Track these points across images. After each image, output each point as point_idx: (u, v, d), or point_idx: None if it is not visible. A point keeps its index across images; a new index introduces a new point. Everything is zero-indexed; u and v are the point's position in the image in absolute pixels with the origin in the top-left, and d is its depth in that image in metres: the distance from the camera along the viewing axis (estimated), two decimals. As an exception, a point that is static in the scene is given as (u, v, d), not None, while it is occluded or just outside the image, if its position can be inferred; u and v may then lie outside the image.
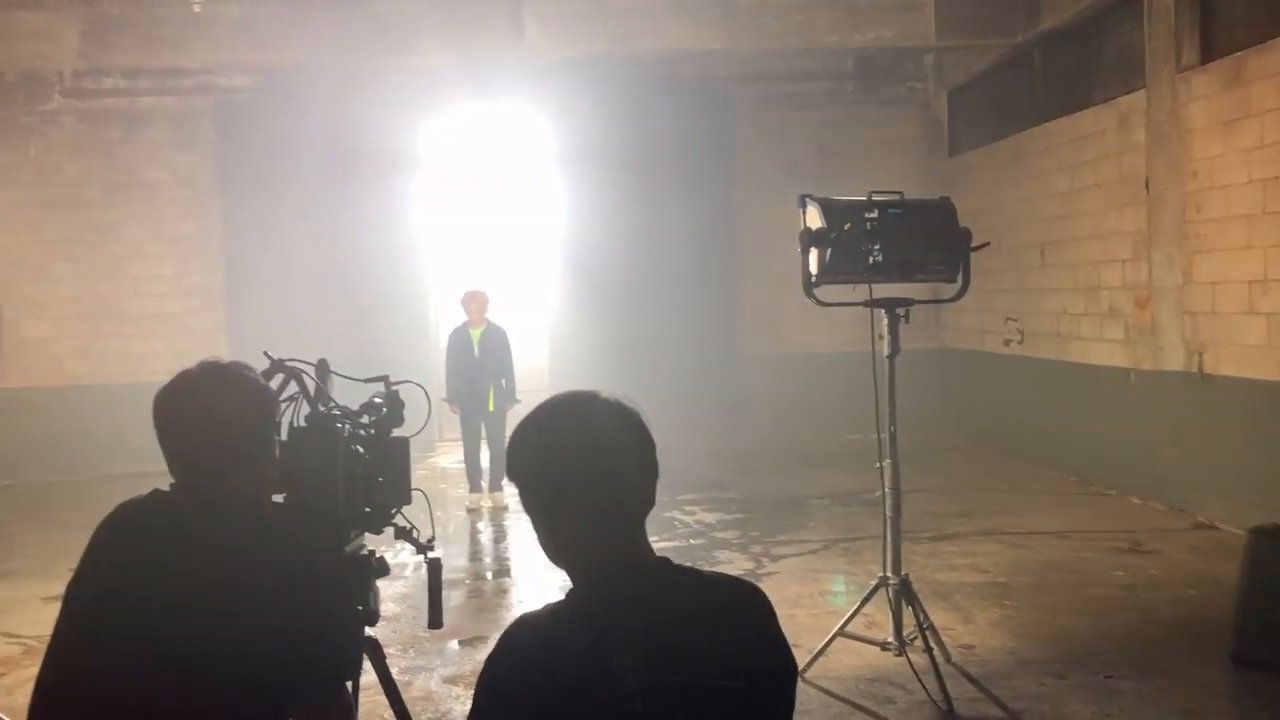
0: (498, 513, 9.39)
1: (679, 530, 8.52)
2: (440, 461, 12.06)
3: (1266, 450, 7.55)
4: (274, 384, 2.45)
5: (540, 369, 13.53)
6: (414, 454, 2.64)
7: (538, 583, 7.24)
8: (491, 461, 9.53)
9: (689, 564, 1.89)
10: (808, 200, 4.92)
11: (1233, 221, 7.87)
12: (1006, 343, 11.48)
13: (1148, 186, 8.84)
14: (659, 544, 7.99)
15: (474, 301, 9.67)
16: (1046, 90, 10.82)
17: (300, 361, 2.52)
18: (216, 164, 12.78)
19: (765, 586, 6.80)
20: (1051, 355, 10.56)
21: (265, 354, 2.52)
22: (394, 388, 2.57)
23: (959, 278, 5.16)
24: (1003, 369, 11.62)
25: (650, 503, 1.78)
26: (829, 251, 4.82)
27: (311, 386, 2.58)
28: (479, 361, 9.48)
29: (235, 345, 12.82)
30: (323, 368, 2.61)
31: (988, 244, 5.28)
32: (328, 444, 2.34)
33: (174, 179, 12.76)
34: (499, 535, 8.86)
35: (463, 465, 9.82)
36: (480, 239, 14.64)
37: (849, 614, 5.25)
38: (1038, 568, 7.07)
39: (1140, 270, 9.01)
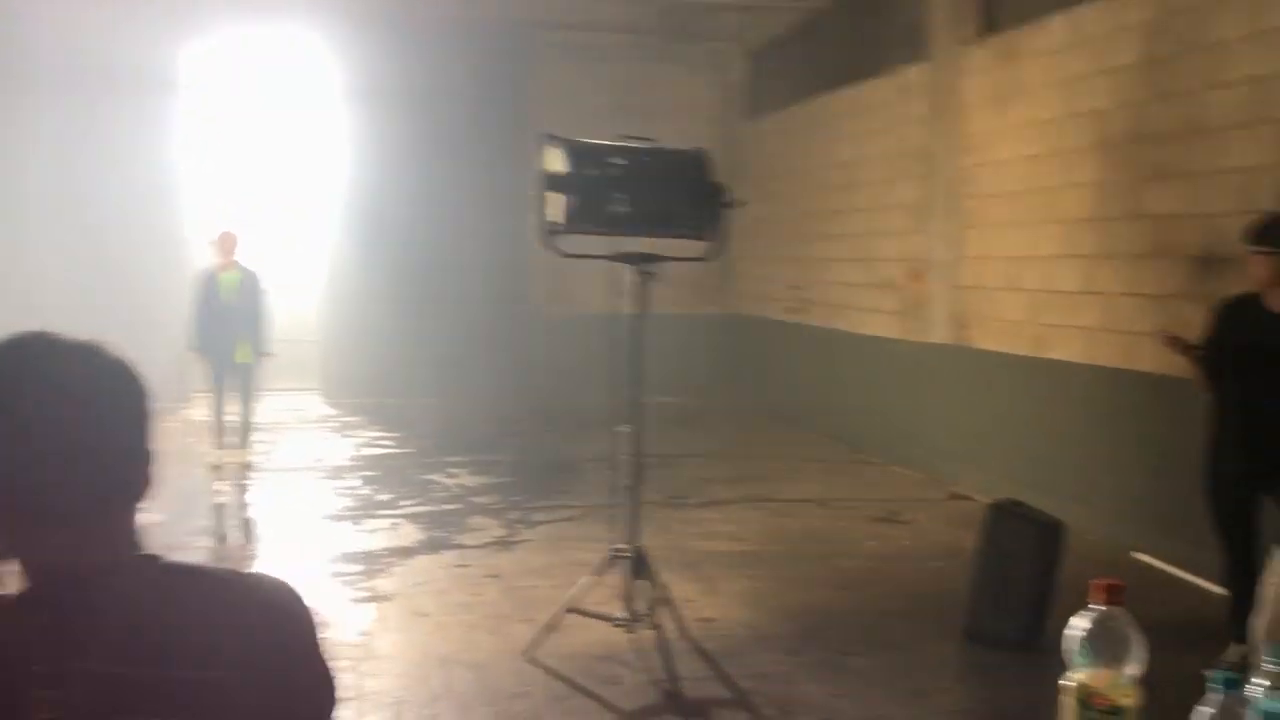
0: (243, 470, 8.71)
1: (435, 494, 8.06)
2: (195, 414, 11.18)
3: (1020, 423, 7.68)
4: None
5: (305, 314, 12.72)
6: (162, 406, 2.09)
7: (276, 548, 6.67)
8: (243, 415, 8.85)
9: (438, 530, 1.44)
10: (548, 140, 4.53)
11: (1001, 197, 7.94)
12: (789, 310, 11.47)
13: (926, 159, 8.86)
14: (410, 508, 7.64)
15: (223, 243, 8.89)
16: (838, 58, 10.77)
17: None
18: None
19: (512, 556, 6.45)
20: (831, 324, 10.59)
21: None
22: None
23: (713, 235, 4.86)
24: (786, 337, 11.62)
25: (132, 483, 1.31)
26: (572, 198, 4.44)
27: None
28: (227, 308, 8.72)
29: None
30: None
31: (744, 202, 5.01)
32: None
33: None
34: (240, 495, 8.19)
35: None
36: (252, 177, 13.60)
37: (581, 588, 4.94)
38: (793, 537, 6.98)
39: (915, 243, 9.05)
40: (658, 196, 4.55)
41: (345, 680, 4.60)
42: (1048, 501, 5.63)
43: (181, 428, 10.59)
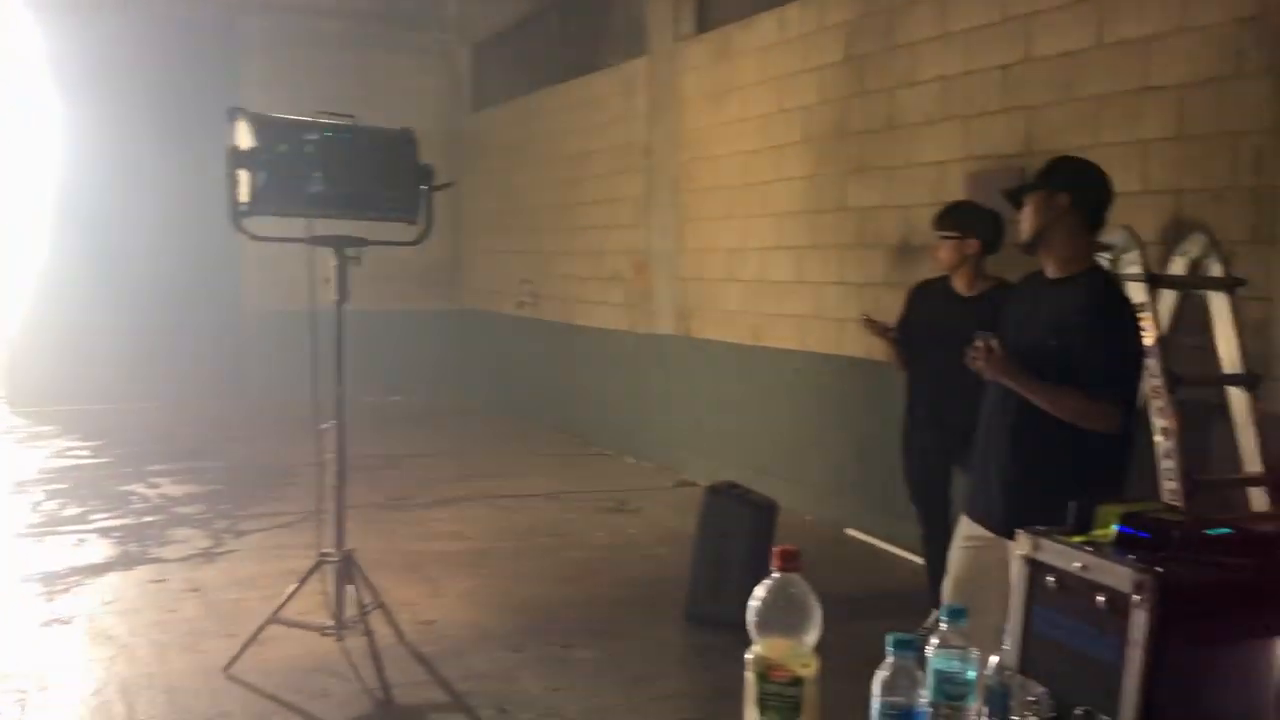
0: None
1: (134, 506, 7.39)
2: None
3: (741, 410, 7.88)
4: None
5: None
6: None
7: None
8: None
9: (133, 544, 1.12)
10: (238, 114, 4.18)
11: (718, 192, 8.12)
12: (520, 305, 11.35)
13: (648, 154, 8.95)
14: (102, 522, 6.95)
15: None
16: (564, 50, 10.75)
17: None
18: None
19: (216, 568, 5.94)
20: (561, 318, 10.55)
21: None
22: None
23: (420, 218, 4.65)
24: (517, 331, 11.49)
25: None
26: (261, 176, 4.11)
27: None
28: None
29: None
30: None
31: (450, 183, 4.83)
32: None
33: None
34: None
35: None
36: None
37: (285, 598, 4.60)
38: (521, 532, 6.86)
39: (639, 236, 9.14)
40: (358, 176, 4.29)
41: (7, 718, 4.08)
42: (768, 484, 5.77)
43: None
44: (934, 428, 4.65)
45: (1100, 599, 1.18)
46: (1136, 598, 1.14)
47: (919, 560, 5.25)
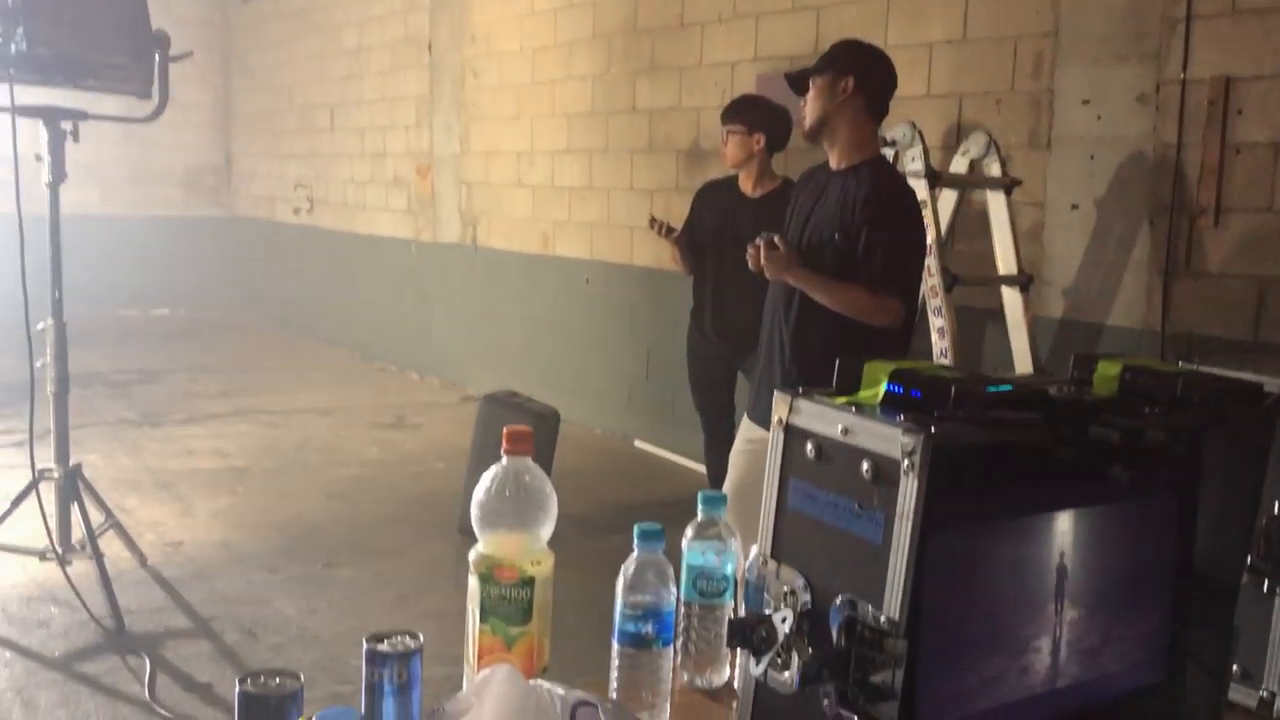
0: None
1: None
2: None
3: (530, 323, 7.60)
4: None
5: None
6: None
7: None
8: None
9: None
10: (-87, -47, 3.53)
11: (505, 90, 7.71)
12: (296, 211, 10.64)
13: (430, 49, 8.43)
14: None
15: None
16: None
17: None
18: None
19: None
20: (341, 226, 9.94)
21: None
22: None
23: (154, 92, 4.10)
24: (293, 240, 10.78)
25: None
26: (-53, 30, 3.49)
27: None
28: None
29: None
30: None
31: (189, 54, 4.28)
32: None
33: None
34: None
35: None
36: None
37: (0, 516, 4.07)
38: (288, 449, 6.40)
39: (423, 137, 8.64)
40: (73, 36, 3.71)
41: None
42: (557, 398, 5.50)
43: None
44: (718, 331, 4.50)
45: (865, 467, 0.97)
46: (905, 464, 0.92)
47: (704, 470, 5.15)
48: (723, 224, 4.43)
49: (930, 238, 3.75)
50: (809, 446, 1.06)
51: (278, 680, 1.09)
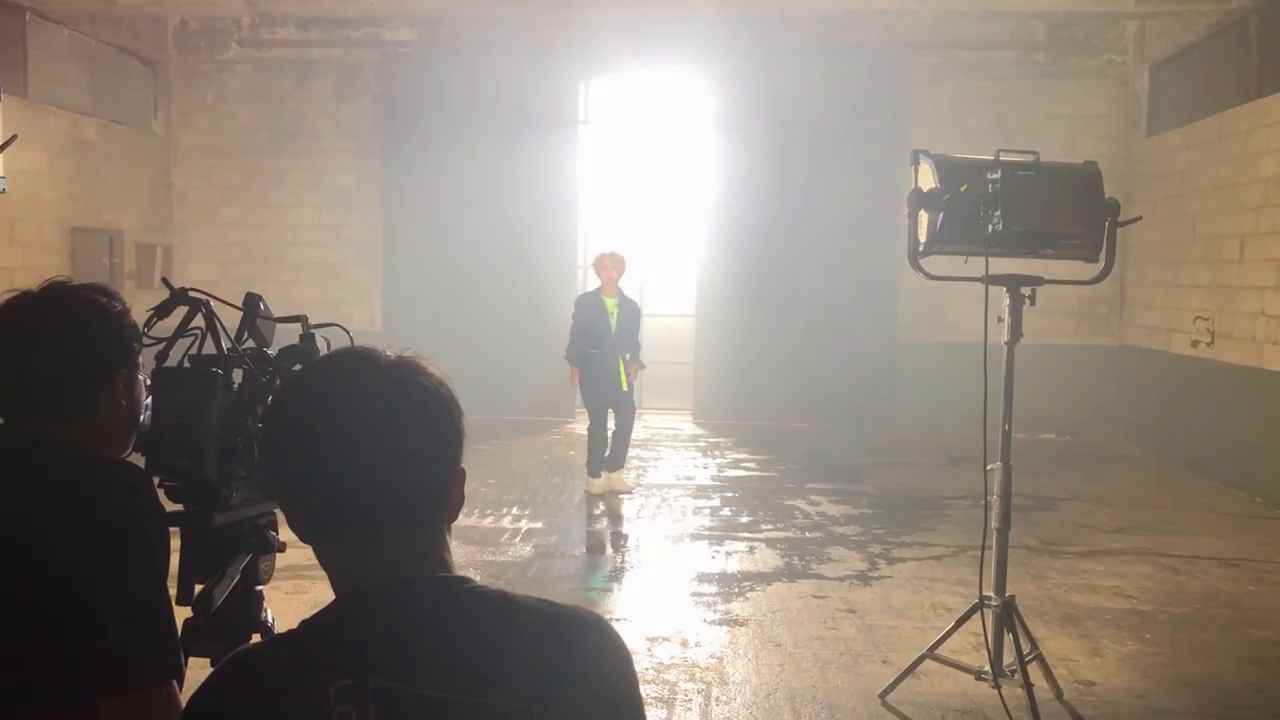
0: (613, 498, 8.71)
1: (797, 521, 7.93)
2: (579, 429, 11.78)
3: None
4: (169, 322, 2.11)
5: (679, 338, 13.24)
6: (548, 419, 2.23)
7: (641, 563, 6.84)
8: (614, 440, 8.80)
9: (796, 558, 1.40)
10: (921, 156, 4.30)
11: None
12: (1194, 344, 10.30)
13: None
14: (770, 534, 7.56)
15: (613, 265, 8.67)
16: (1261, 63, 9.58)
17: (204, 293, 2.16)
18: (379, 117, 12.88)
19: (871, 592, 6.22)
20: (1246, 361, 9.39)
21: (163, 280, 2.19)
22: (311, 331, 2.18)
23: (1101, 256, 4.41)
24: (1189, 373, 10.44)
25: (441, 502, 1.29)
26: (940, 216, 4.18)
27: (245, 325, 2.24)
28: (612, 333, 8.60)
29: (389, 298, 12.99)
30: (251, 302, 2.26)
31: (1138, 218, 4.53)
32: (199, 388, 1.97)
33: (338, 130, 12.94)
34: (612, 509, 8.46)
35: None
36: (632, 201, 14.36)
37: (942, 635, 4.63)
38: (1193, 599, 6.19)
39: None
40: (1039, 214, 4.17)
41: (693, 703, 4.59)
42: None
43: (564, 440, 11.26)
44: None
45: None
46: None
47: None
48: None
49: None
50: None
51: None
